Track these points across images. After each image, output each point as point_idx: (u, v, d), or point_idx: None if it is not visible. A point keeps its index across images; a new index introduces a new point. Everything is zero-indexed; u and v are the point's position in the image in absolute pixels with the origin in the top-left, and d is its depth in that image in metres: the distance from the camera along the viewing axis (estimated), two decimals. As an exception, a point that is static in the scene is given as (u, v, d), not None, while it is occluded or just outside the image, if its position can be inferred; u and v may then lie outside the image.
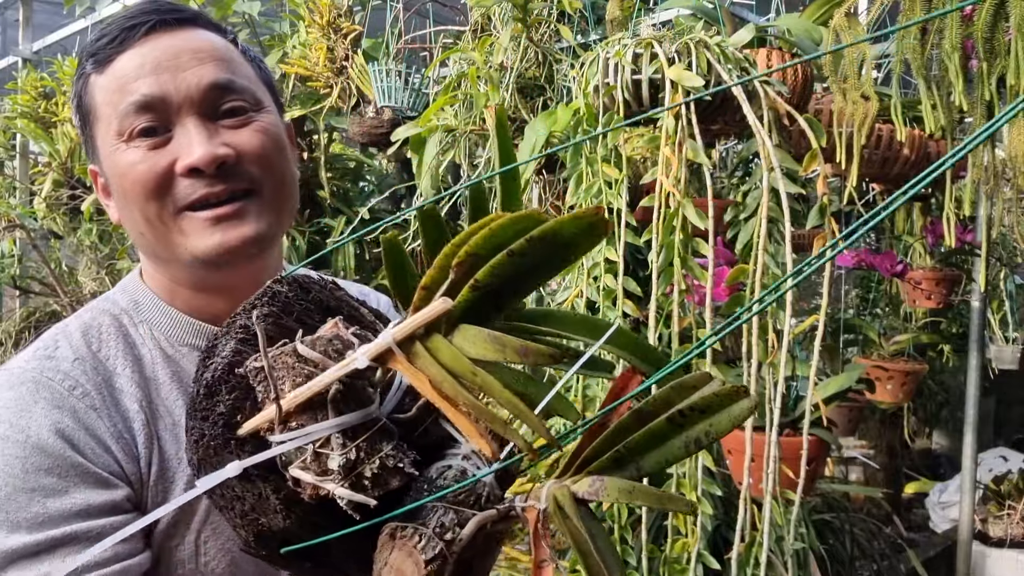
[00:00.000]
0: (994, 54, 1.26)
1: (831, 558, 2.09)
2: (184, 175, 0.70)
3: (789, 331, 1.38)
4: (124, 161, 0.71)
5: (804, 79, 1.56)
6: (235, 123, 0.73)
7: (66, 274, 3.36)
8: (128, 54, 0.72)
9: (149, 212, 0.71)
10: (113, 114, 0.71)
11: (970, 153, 1.38)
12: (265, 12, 2.63)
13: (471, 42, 2.02)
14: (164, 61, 0.71)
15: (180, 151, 0.70)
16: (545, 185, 2.13)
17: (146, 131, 0.70)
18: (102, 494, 0.66)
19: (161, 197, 0.70)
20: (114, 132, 0.71)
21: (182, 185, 0.70)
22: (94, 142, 0.75)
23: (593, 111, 1.38)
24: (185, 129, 0.70)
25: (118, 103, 0.71)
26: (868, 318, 3.04)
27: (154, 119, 0.70)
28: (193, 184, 0.70)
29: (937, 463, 4.25)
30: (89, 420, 0.69)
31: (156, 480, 0.71)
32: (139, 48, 0.72)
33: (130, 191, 0.72)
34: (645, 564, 1.27)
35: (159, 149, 0.70)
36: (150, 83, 0.70)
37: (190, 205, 0.70)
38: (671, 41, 1.40)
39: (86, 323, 0.77)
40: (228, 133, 0.72)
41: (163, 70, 0.71)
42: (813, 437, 1.56)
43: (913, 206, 2.84)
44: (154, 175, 0.70)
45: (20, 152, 3.63)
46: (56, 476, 0.65)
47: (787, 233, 1.31)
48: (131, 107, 0.70)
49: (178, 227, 0.71)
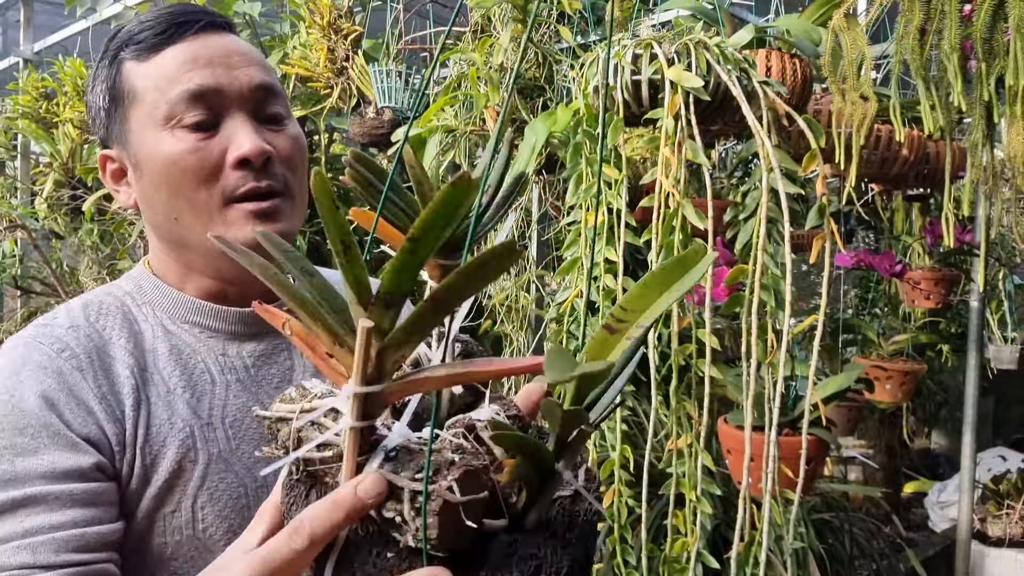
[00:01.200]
0: (993, 55, 1.27)
1: (830, 557, 2.10)
2: (234, 167, 0.73)
3: (788, 331, 1.38)
4: (172, 148, 0.73)
5: (803, 80, 1.56)
6: (274, 128, 0.77)
7: (67, 274, 3.36)
8: (178, 47, 0.75)
9: (197, 199, 0.74)
10: (161, 99, 0.73)
11: (969, 153, 1.39)
12: (266, 13, 2.64)
13: (471, 43, 2.03)
14: (216, 57, 0.75)
15: (229, 142, 0.73)
16: (545, 185, 2.14)
17: (199, 124, 0.73)
18: (69, 458, 0.68)
19: (211, 186, 0.74)
20: (161, 116, 0.74)
21: (233, 176, 0.74)
22: (123, 125, 0.77)
23: (593, 111, 1.39)
24: (235, 123, 0.74)
25: (167, 89, 0.73)
26: (867, 318, 3.04)
27: (206, 110, 0.74)
28: (244, 176, 0.73)
29: (936, 463, 4.26)
30: (73, 381, 0.71)
31: (144, 443, 0.73)
32: (189, 43, 0.75)
33: (179, 178, 0.74)
34: (645, 563, 1.28)
35: (208, 140, 0.73)
36: (205, 75, 0.73)
37: (238, 197, 0.74)
38: (671, 42, 1.40)
39: (88, 300, 0.80)
40: (268, 134, 0.76)
41: (217, 65, 0.74)
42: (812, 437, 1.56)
43: (912, 206, 2.85)
44: (208, 164, 0.73)
45: (21, 152, 3.63)
46: (29, 436, 0.68)
47: (786, 233, 1.32)
48: (185, 94, 0.73)
49: (222, 216, 0.74)
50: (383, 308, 0.41)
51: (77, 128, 3.14)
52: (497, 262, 0.38)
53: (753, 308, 1.40)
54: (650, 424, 1.22)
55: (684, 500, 1.22)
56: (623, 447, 1.24)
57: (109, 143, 0.79)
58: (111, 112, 0.78)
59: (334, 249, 0.40)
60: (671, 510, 1.23)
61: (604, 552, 1.34)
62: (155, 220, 0.79)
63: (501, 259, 0.38)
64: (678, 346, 1.26)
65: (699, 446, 1.20)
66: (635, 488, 1.24)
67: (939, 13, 1.29)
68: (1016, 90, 1.25)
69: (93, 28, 3.24)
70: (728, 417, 1.33)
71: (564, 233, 1.43)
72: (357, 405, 0.41)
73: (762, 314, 1.37)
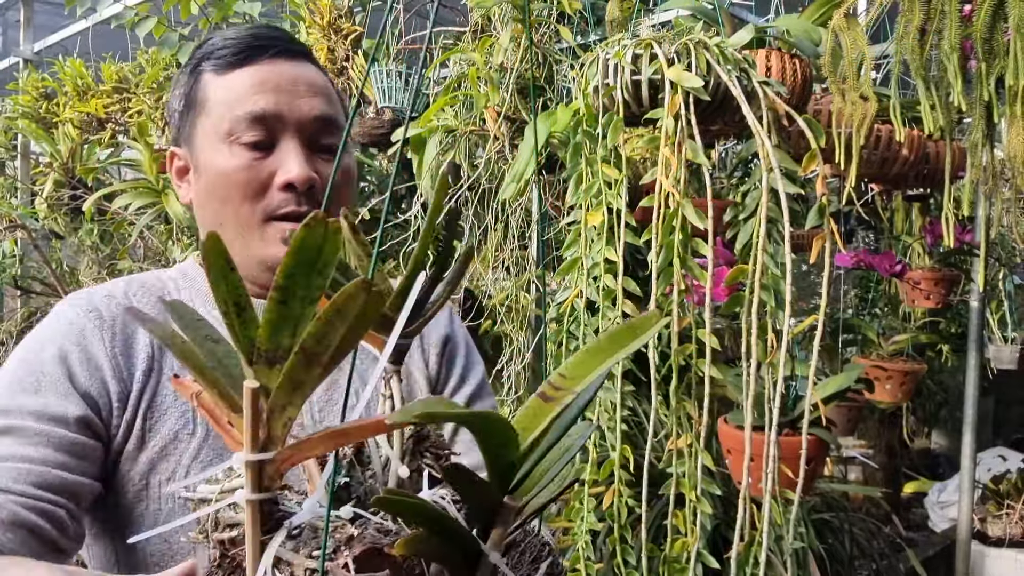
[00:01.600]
0: (993, 55, 1.27)
1: (830, 557, 2.10)
2: (280, 188, 0.79)
3: (788, 331, 1.38)
4: (227, 163, 0.80)
5: (803, 80, 1.56)
6: (327, 157, 0.83)
7: (67, 274, 3.36)
8: (251, 68, 0.81)
9: (242, 213, 0.80)
10: (226, 114, 0.80)
11: (969, 153, 1.39)
12: (265, 13, 2.64)
13: (471, 43, 2.03)
14: (284, 84, 0.80)
15: (280, 165, 0.79)
16: (545, 185, 2.14)
17: (256, 144, 0.79)
18: (60, 405, 0.74)
19: (256, 202, 0.80)
20: (224, 131, 0.80)
21: (277, 197, 0.80)
22: (192, 129, 0.84)
23: (593, 111, 1.38)
24: (287, 148, 0.80)
25: (234, 107, 0.79)
26: (867, 318, 3.04)
27: (264, 133, 0.79)
28: (287, 199, 0.79)
29: (936, 463, 4.26)
30: (90, 338, 0.78)
31: (147, 408, 0.78)
32: (261, 66, 0.81)
33: (231, 190, 0.80)
34: (645, 563, 1.28)
35: (261, 160, 0.79)
36: (269, 100, 0.79)
37: (278, 216, 0.80)
38: (670, 42, 1.40)
39: (135, 278, 0.87)
40: (319, 163, 0.81)
41: (282, 91, 0.80)
42: (812, 437, 1.56)
43: (912, 206, 2.85)
44: (256, 182, 0.79)
45: (21, 152, 3.63)
46: (34, 379, 0.75)
47: (786, 233, 1.32)
48: (248, 115, 0.79)
49: (261, 232, 0.81)
50: (266, 367, 0.39)
51: (77, 128, 3.14)
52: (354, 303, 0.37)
53: (753, 308, 1.40)
54: (650, 424, 1.22)
55: (684, 500, 1.22)
56: (623, 447, 1.24)
57: (179, 142, 0.86)
58: (184, 115, 0.84)
59: (221, 311, 0.39)
60: (671, 510, 1.23)
61: (604, 552, 1.35)
62: (204, 220, 0.85)
63: (352, 300, 0.37)
64: (678, 346, 1.26)
65: (699, 446, 1.20)
66: (635, 488, 1.24)
67: (939, 13, 1.29)
68: (1016, 90, 1.25)
69: (93, 28, 3.23)
70: (728, 417, 1.33)
71: (564, 233, 1.43)
72: (251, 475, 0.39)
73: (762, 314, 1.37)
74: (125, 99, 3.02)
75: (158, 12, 2.56)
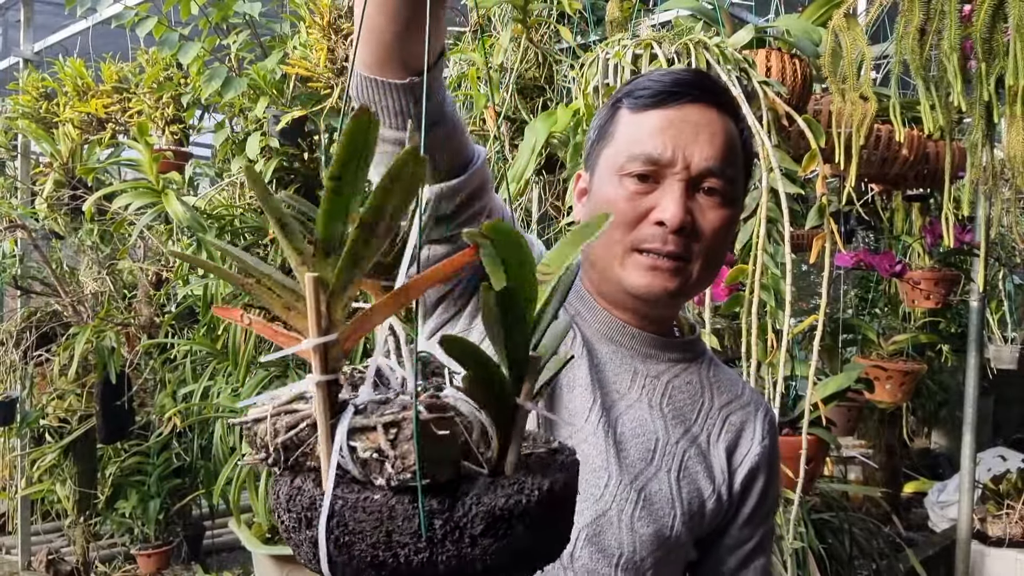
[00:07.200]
0: (992, 55, 1.27)
1: (830, 557, 2.10)
2: (653, 223, 0.83)
3: (788, 331, 1.39)
4: (614, 192, 0.85)
5: (803, 80, 1.56)
6: (708, 203, 0.85)
7: (67, 274, 3.36)
8: (661, 112, 0.85)
9: (613, 237, 0.85)
10: (625, 151, 0.85)
11: (969, 153, 1.39)
12: (266, 13, 2.64)
13: (471, 43, 2.03)
14: (685, 131, 0.84)
15: (657, 203, 0.83)
16: (545, 185, 2.14)
17: (641, 176, 0.84)
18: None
19: (628, 231, 0.84)
20: (619, 165, 0.85)
21: (647, 231, 0.84)
22: (597, 158, 0.90)
23: (593, 111, 1.39)
24: (670, 188, 0.83)
25: (634, 145, 0.85)
26: (867, 318, 3.05)
27: (652, 170, 0.84)
28: (656, 235, 0.83)
29: (936, 462, 4.26)
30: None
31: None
32: (671, 111, 0.85)
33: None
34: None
35: (644, 195, 0.84)
36: (665, 144, 0.83)
37: (643, 248, 0.84)
38: (670, 42, 1.41)
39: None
40: (697, 206, 0.84)
41: (679, 137, 0.84)
42: (812, 436, 1.57)
43: (912, 206, 2.85)
44: (633, 214, 0.84)
45: (21, 152, 3.63)
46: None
47: (786, 233, 1.32)
48: (642, 156, 0.84)
49: (623, 259, 0.85)
50: (323, 257, 0.42)
51: (77, 128, 3.14)
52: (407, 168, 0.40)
53: (753, 308, 1.40)
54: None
55: (684, 500, 1.22)
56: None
57: (586, 167, 0.93)
58: (595, 143, 0.91)
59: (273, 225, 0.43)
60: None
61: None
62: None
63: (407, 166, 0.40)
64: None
65: (699, 446, 1.20)
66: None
67: (939, 13, 1.29)
68: (1016, 90, 1.25)
69: (93, 28, 3.23)
70: (728, 417, 1.33)
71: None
72: (319, 358, 0.43)
73: (762, 314, 1.37)
74: (125, 99, 3.02)
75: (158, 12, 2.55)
